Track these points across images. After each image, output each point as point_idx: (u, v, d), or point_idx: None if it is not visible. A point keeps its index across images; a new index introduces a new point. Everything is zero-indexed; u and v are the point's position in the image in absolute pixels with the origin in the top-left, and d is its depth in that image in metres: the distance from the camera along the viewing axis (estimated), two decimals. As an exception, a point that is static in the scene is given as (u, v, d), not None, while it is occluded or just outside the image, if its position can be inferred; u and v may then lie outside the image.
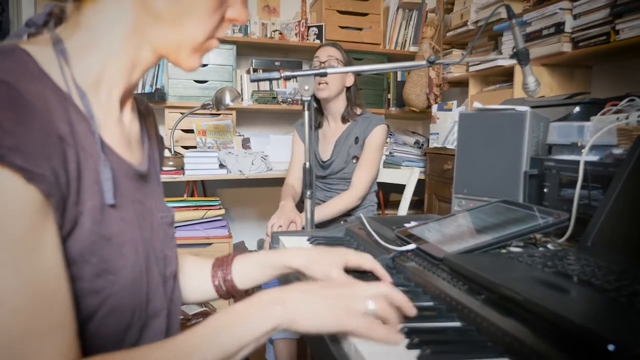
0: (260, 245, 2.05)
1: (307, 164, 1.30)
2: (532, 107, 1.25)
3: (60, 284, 0.49)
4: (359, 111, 2.05)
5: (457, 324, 0.63)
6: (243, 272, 0.83)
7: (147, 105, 0.78)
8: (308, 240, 1.13)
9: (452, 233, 0.92)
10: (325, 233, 1.19)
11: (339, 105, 2.03)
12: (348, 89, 2.03)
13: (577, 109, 1.42)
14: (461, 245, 0.82)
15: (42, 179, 0.46)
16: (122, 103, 0.64)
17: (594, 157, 1.04)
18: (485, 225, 0.91)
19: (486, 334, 0.58)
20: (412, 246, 0.88)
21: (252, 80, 1.28)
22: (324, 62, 1.97)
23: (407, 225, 1.03)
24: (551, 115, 1.31)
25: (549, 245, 0.91)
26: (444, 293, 0.70)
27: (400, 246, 0.91)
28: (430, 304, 0.70)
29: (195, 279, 0.83)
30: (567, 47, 1.90)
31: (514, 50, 1.27)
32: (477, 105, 1.26)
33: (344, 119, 2.04)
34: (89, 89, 0.57)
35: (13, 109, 0.45)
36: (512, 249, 0.86)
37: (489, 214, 0.96)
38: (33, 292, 0.46)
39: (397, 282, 0.80)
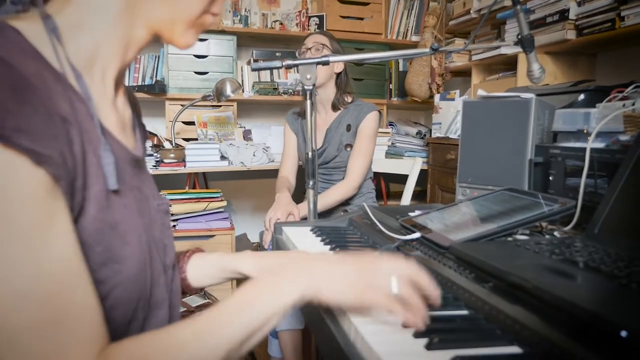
0: (262, 238, 2.04)
1: (310, 153, 1.29)
2: (537, 94, 1.23)
3: (80, 268, 0.48)
4: (349, 99, 2.03)
5: (465, 312, 0.62)
6: (197, 272, 0.83)
7: (131, 91, 0.76)
8: (311, 230, 1.12)
9: (457, 221, 0.91)
10: (328, 223, 1.18)
11: (328, 93, 2.01)
12: (338, 76, 2.00)
13: (582, 96, 1.40)
14: (467, 234, 0.81)
15: (51, 161, 0.44)
16: (116, 85, 0.63)
17: (600, 144, 1.02)
18: (491, 213, 0.90)
19: (494, 322, 0.57)
20: (417, 235, 0.87)
21: (253, 69, 1.26)
22: (309, 49, 1.95)
23: (411, 214, 1.02)
24: (555, 103, 1.29)
25: (556, 233, 0.90)
26: (450, 281, 0.69)
27: (405, 235, 0.90)
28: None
29: None
30: (571, 35, 1.88)
31: (519, 36, 1.25)
32: (481, 92, 1.24)
33: (335, 107, 2.01)
34: (83, 69, 0.55)
35: (13, 88, 0.43)
36: (518, 236, 0.85)
37: (494, 202, 0.95)
38: (54, 280, 0.45)
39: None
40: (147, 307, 0.61)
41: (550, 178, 1.10)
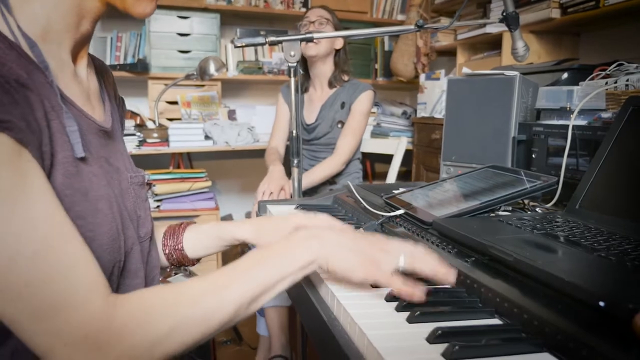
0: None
1: (294, 132, 1.28)
2: (521, 73, 1.23)
3: (64, 223, 0.48)
4: (346, 77, 2.02)
5: (447, 286, 0.62)
6: (193, 242, 0.83)
7: (103, 64, 0.75)
8: (296, 208, 1.12)
9: (440, 198, 0.91)
10: (313, 201, 1.18)
11: (326, 69, 2.00)
12: (337, 53, 1.99)
13: (565, 75, 1.41)
14: (450, 210, 0.81)
15: (13, 126, 0.44)
16: (75, 56, 0.62)
17: (582, 122, 1.03)
18: (474, 190, 0.90)
19: (476, 295, 0.58)
20: (400, 211, 0.88)
21: (237, 46, 1.24)
22: (313, 22, 1.94)
23: (395, 191, 1.02)
24: (540, 81, 1.30)
25: (538, 210, 0.91)
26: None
27: (389, 212, 0.90)
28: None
29: None
30: (555, 13, 1.88)
31: (504, 14, 1.25)
32: (466, 70, 1.24)
33: (331, 84, 2.01)
34: (37, 40, 0.54)
35: None
36: (501, 213, 0.85)
37: (478, 179, 0.96)
38: (39, 237, 0.45)
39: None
40: (119, 276, 0.61)
41: (533, 156, 1.10)
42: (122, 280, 0.62)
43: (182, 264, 0.85)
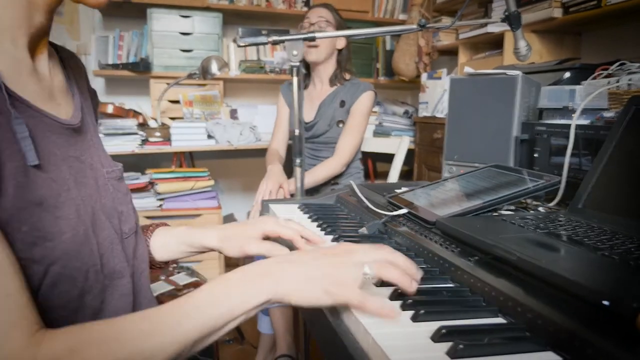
0: (250, 217, 2.04)
1: (297, 131, 1.28)
2: (523, 72, 1.24)
3: (1, 252, 0.45)
4: (347, 76, 2.01)
5: (450, 285, 0.63)
6: (161, 245, 0.82)
7: (74, 55, 0.72)
8: (299, 207, 1.12)
9: (443, 197, 0.91)
10: (315, 200, 1.18)
11: (328, 68, 1.99)
12: (340, 52, 1.98)
13: (567, 74, 1.41)
14: (453, 209, 0.81)
15: None
16: (32, 52, 0.59)
17: (585, 121, 1.03)
18: (477, 189, 0.91)
19: (480, 294, 0.58)
20: (403, 211, 0.88)
21: (240, 46, 1.24)
22: (313, 24, 1.92)
23: (397, 191, 1.02)
24: (541, 81, 1.30)
25: (540, 209, 0.91)
26: (437, 256, 0.70)
27: (392, 211, 0.90)
28: (424, 266, 0.70)
29: None
30: (557, 13, 1.88)
31: (506, 13, 1.25)
32: (468, 70, 1.24)
33: (332, 82, 1.99)
34: None
35: None
36: (504, 212, 0.86)
37: (480, 178, 0.96)
38: None
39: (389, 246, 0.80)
40: (101, 278, 0.59)
41: (536, 155, 1.10)
42: (108, 282, 0.60)
43: (151, 266, 0.82)
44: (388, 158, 2.20)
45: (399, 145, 2.08)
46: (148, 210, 2.23)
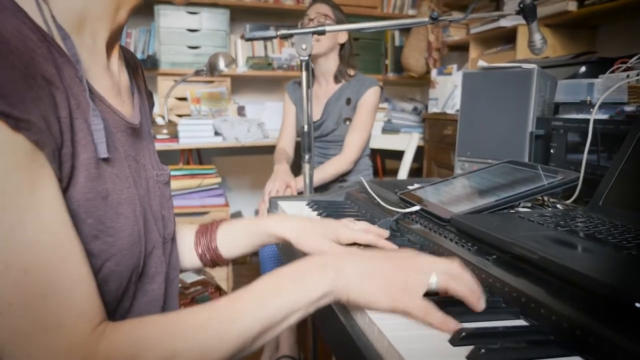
0: (257, 215, 2.02)
1: (306, 127, 1.26)
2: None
3: (70, 239, 0.45)
4: (352, 72, 1.98)
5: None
6: (228, 240, 0.79)
7: (134, 56, 0.73)
8: (307, 204, 1.10)
9: (457, 194, 0.89)
10: (325, 197, 1.16)
11: (330, 64, 1.96)
12: (342, 47, 1.95)
13: (583, 68, 1.37)
14: (467, 206, 0.79)
15: (31, 126, 0.41)
16: (109, 48, 0.59)
17: (603, 116, 1.00)
18: (492, 185, 0.88)
19: (499, 294, 0.55)
20: (416, 207, 0.85)
21: (247, 39, 1.22)
22: (312, 20, 1.90)
23: (410, 187, 1.00)
24: (556, 75, 1.26)
25: (558, 206, 0.88)
26: (452, 254, 0.67)
27: (404, 208, 0.88)
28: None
29: (178, 245, 0.79)
30: (572, 6, 1.83)
31: (520, 5, 1.21)
32: (481, 63, 1.21)
33: (336, 79, 1.97)
34: (72, 30, 0.52)
35: None
36: (521, 209, 0.83)
37: (495, 174, 0.93)
38: (40, 251, 0.42)
39: (402, 244, 0.77)
40: (137, 281, 0.58)
41: (552, 151, 1.07)
42: (140, 286, 0.60)
43: (216, 264, 0.80)
44: (397, 155, 2.17)
45: (408, 142, 2.05)
46: (155, 208, 2.22)
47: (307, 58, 1.21)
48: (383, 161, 2.86)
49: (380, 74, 3.15)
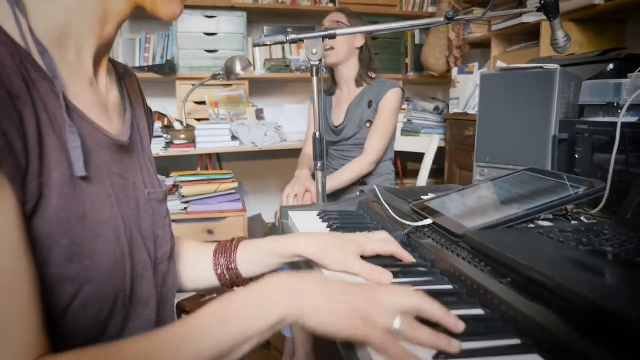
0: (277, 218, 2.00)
1: (317, 133, 1.22)
2: (562, 65, 1.14)
3: (18, 268, 0.42)
4: (373, 75, 1.96)
5: (480, 311, 0.55)
6: (248, 260, 0.75)
7: (128, 70, 0.70)
8: (318, 215, 1.06)
9: (473, 206, 0.84)
10: (336, 207, 1.12)
11: (350, 69, 1.94)
12: (360, 50, 1.92)
13: (611, 66, 1.30)
14: (483, 220, 0.74)
15: None
16: (96, 64, 0.57)
17: (632, 119, 0.93)
18: (511, 196, 0.82)
19: (513, 324, 0.51)
20: (428, 221, 0.81)
21: (255, 45, 1.19)
22: (327, 29, 1.88)
23: (424, 197, 0.95)
24: (582, 74, 1.20)
25: (582, 218, 0.82)
26: (464, 275, 0.63)
27: (416, 221, 0.83)
28: (449, 287, 0.63)
29: (196, 265, 0.76)
30: None
31: (542, 2, 1.15)
32: (500, 64, 1.15)
33: (358, 83, 1.95)
34: (53, 44, 0.50)
35: None
36: (541, 222, 0.77)
37: (514, 184, 0.87)
38: None
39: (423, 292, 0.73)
40: (127, 305, 0.56)
41: (577, 156, 1.01)
42: (132, 309, 0.57)
43: (235, 285, 0.77)
44: (417, 157, 2.11)
45: (428, 145, 1.99)
46: (173, 214, 2.22)
47: (317, 63, 1.17)
48: (403, 163, 2.81)
49: (401, 74, 3.10)
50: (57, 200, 0.46)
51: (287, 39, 1.17)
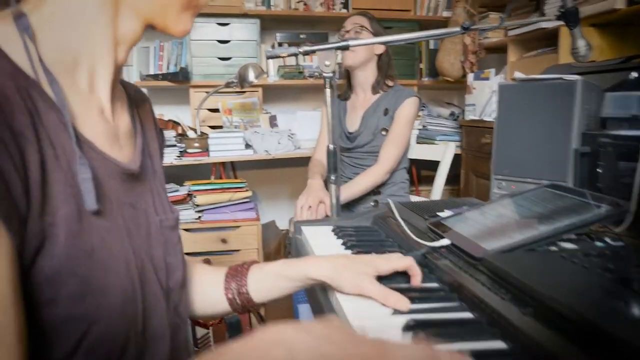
0: (291, 224, 1.98)
1: (331, 146, 1.20)
2: (581, 73, 1.10)
3: (3, 322, 0.39)
4: (390, 83, 1.93)
5: (501, 344, 0.53)
6: (259, 284, 0.73)
7: (139, 91, 0.69)
8: (333, 231, 1.04)
9: (492, 225, 0.81)
10: (351, 222, 1.10)
11: (368, 75, 1.91)
12: (379, 57, 1.90)
13: (634, 74, 1.26)
14: (503, 242, 0.71)
15: None
16: (107, 89, 0.56)
17: (658, 132, 0.90)
18: (531, 215, 0.80)
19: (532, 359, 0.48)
20: (445, 241, 0.78)
21: (269, 57, 1.18)
22: (348, 31, 1.86)
23: (440, 214, 0.92)
24: (603, 81, 1.16)
25: (607, 239, 0.78)
26: (483, 303, 0.60)
27: (433, 240, 0.81)
28: (468, 316, 0.61)
29: (207, 290, 0.75)
30: (620, 3, 1.70)
31: (561, 10, 1.12)
32: (518, 75, 1.12)
33: (374, 90, 1.92)
34: (64, 72, 0.49)
35: None
36: (563, 244, 0.74)
37: (535, 201, 0.85)
38: None
39: (428, 284, 0.71)
40: (141, 342, 0.53)
41: (599, 170, 0.97)
42: (146, 346, 0.54)
43: (247, 310, 0.75)
44: (433, 164, 2.08)
45: (444, 153, 1.96)
46: (187, 223, 2.22)
47: (331, 75, 1.15)
48: (419, 171, 2.78)
49: (415, 79, 3.06)
50: (64, 238, 0.45)
51: (300, 50, 1.16)
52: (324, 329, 0.44)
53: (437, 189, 1.94)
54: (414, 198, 2.06)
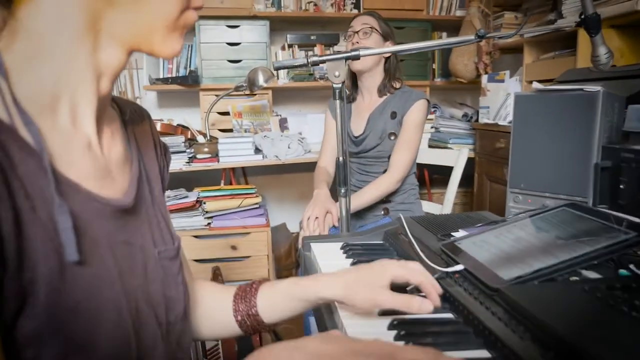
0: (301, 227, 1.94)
1: (341, 158, 1.17)
2: (601, 78, 1.06)
3: None
4: (397, 85, 1.87)
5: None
6: (269, 305, 0.70)
7: (136, 109, 0.65)
8: (342, 249, 1.01)
9: (508, 250, 0.77)
10: (361, 239, 1.07)
11: (375, 78, 1.86)
12: (387, 60, 1.85)
13: (657, 81, 1.21)
14: (520, 269, 0.67)
15: None
16: (96, 121, 0.53)
17: (686, 148, 0.85)
18: (550, 240, 0.76)
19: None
20: (459, 267, 0.75)
21: (276, 69, 1.15)
22: (357, 32, 1.80)
23: (454, 234, 0.89)
24: (624, 88, 1.11)
25: (631, 266, 0.74)
26: (500, 341, 0.56)
27: (446, 263, 0.77)
28: (485, 354, 0.57)
29: (215, 314, 0.72)
30: (642, 5, 1.64)
31: (582, 16, 1.07)
32: (536, 85, 1.08)
33: (380, 92, 1.86)
34: (43, 112, 0.46)
35: None
36: (585, 272, 0.70)
37: (554, 223, 0.80)
38: None
39: (442, 314, 0.67)
40: None
41: (622, 186, 0.93)
42: None
43: (257, 331, 0.73)
44: (445, 170, 2.04)
45: (457, 159, 1.91)
46: (196, 229, 2.20)
47: (340, 85, 1.12)
48: (431, 176, 2.73)
49: (427, 80, 3.01)
50: (45, 297, 0.42)
51: (309, 61, 1.12)
52: (321, 344, 0.43)
53: (450, 195, 1.89)
54: (426, 204, 2.01)
